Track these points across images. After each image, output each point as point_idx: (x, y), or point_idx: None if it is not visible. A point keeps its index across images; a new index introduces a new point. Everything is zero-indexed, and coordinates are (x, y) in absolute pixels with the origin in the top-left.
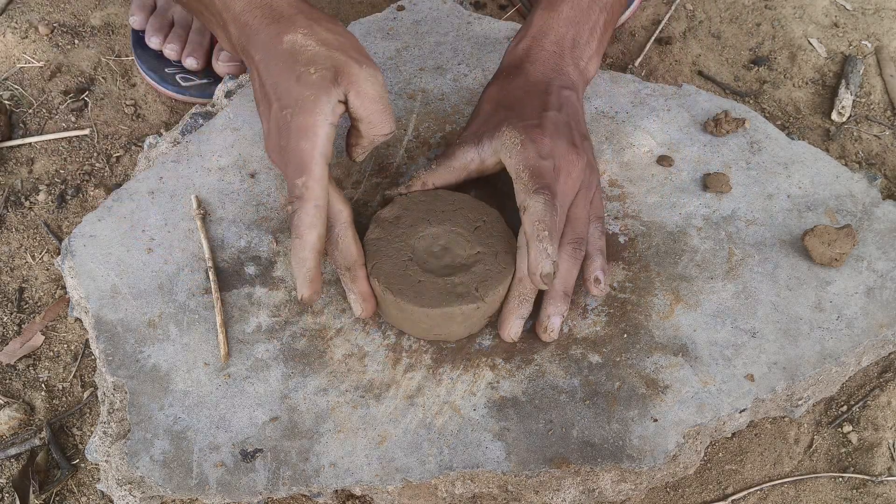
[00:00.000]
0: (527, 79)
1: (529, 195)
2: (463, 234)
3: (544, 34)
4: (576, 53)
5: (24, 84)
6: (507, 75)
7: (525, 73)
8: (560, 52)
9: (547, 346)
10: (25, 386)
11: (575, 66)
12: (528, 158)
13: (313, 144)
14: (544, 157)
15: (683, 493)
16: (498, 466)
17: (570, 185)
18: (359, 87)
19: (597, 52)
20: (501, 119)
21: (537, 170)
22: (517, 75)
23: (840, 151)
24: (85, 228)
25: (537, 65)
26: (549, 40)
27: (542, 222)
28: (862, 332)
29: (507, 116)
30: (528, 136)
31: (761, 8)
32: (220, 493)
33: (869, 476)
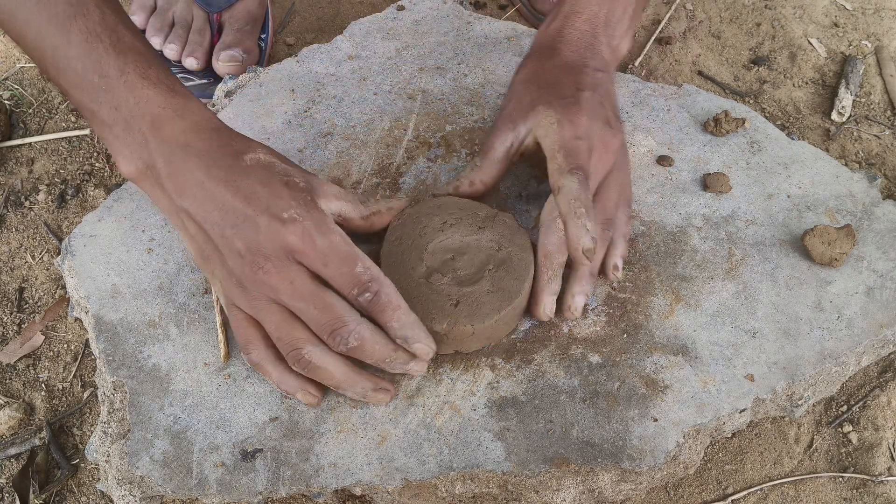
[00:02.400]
0: (560, 59)
1: (563, 175)
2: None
3: (577, 12)
4: (609, 32)
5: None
6: (539, 56)
7: (558, 53)
8: (593, 30)
9: (547, 346)
10: (25, 386)
11: (608, 44)
12: (565, 138)
13: (342, 237)
14: (580, 138)
15: (683, 493)
16: (498, 466)
17: (602, 164)
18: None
19: (629, 28)
20: (535, 98)
21: (573, 150)
22: (550, 56)
23: (840, 151)
24: (85, 228)
25: (570, 45)
26: (581, 18)
27: (577, 200)
28: (862, 332)
29: (540, 95)
30: (565, 115)
31: (761, 8)
32: (220, 493)
33: (869, 476)
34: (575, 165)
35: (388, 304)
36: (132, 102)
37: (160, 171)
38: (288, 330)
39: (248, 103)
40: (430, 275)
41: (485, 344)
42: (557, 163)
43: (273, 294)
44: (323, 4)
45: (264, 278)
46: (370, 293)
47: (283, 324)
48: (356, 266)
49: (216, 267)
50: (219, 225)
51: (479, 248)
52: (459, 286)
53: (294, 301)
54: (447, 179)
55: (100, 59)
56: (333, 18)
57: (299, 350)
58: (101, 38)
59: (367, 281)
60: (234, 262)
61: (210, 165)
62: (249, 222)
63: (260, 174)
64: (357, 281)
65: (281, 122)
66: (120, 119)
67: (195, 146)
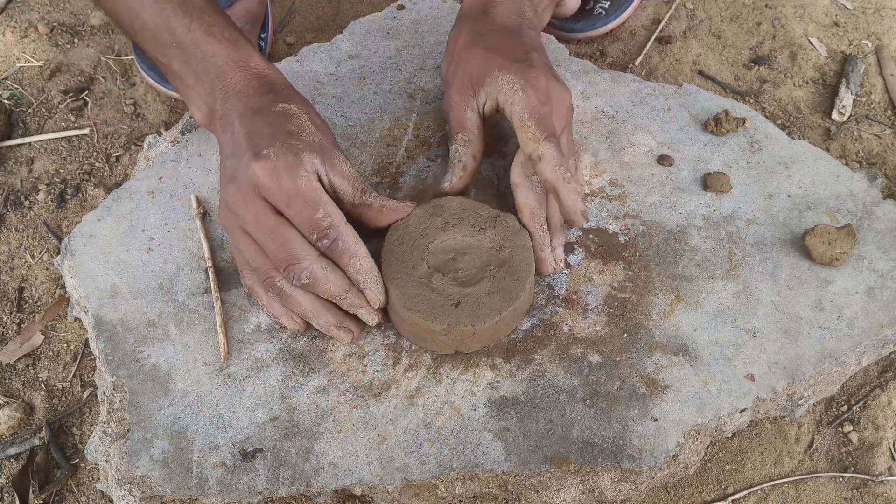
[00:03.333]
0: (495, 23)
1: (540, 143)
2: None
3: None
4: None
5: (24, 83)
6: (473, 21)
7: (491, 17)
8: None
9: (547, 346)
10: (25, 386)
11: (534, 11)
12: (531, 105)
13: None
14: (544, 103)
15: (684, 493)
16: (498, 466)
17: (560, 121)
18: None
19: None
20: (486, 63)
21: (542, 117)
22: (483, 20)
23: (840, 151)
24: (85, 228)
25: (501, 8)
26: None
27: (561, 167)
28: (862, 332)
29: (491, 59)
30: (526, 79)
31: (762, 7)
32: (220, 492)
33: (869, 476)
34: (548, 133)
35: (345, 251)
36: (199, 56)
37: (217, 113)
38: (261, 260)
39: None
40: (431, 275)
41: (486, 344)
42: (531, 131)
43: (242, 224)
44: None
45: (234, 207)
46: (328, 240)
47: (255, 254)
48: (317, 211)
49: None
50: (224, 153)
51: (480, 248)
52: (460, 286)
53: (257, 233)
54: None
55: (168, 18)
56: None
57: (272, 279)
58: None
59: (326, 228)
60: (223, 189)
61: (246, 107)
62: (239, 154)
63: (276, 118)
64: (317, 226)
65: None
66: (189, 71)
67: (245, 92)
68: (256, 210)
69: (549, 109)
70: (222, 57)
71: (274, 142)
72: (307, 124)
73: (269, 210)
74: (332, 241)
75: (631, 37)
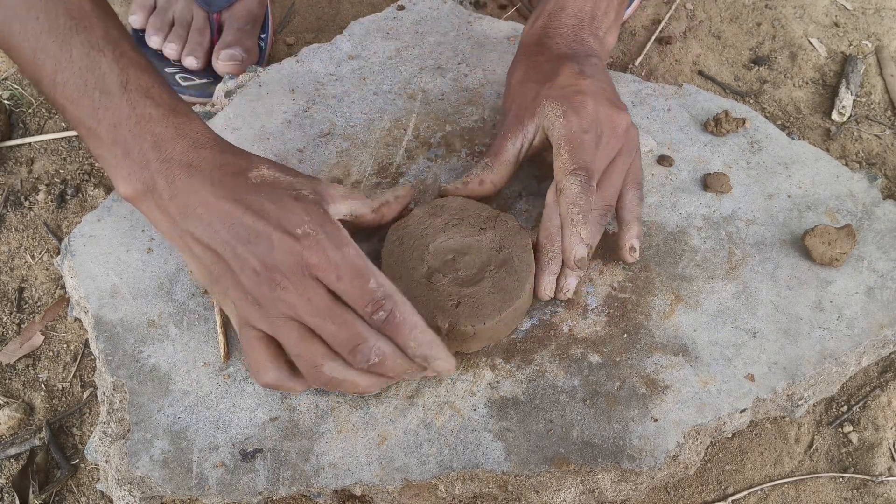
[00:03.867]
0: (550, 52)
1: (566, 176)
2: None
3: (562, 9)
4: (594, 25)
5: (24, 84)
6: (528, 54)
7: (547, 48)
8: (579, 24)
9: (547, 346)
10: (25, 386)
11: (594, 36)
12: (571, 132)
13: (356, 250)
14: (586, 130)
15: (683, 493)
16: (498, 466)
17: (609, 148)
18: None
19: (615, 23)
20: (537, 94)
21: (577, 145)
22: (539, 52)
23: (840, 151)
24: (84, 228)
25: (557, 39)
26: (566, 14)
27: (576, 205)
28: (862, 332)
29: (541, 90)
30: (570, 104)
31: (761, 8)
32: (220, 493)
33: (869, 476)
34: (578, 165)
35: (403, 322)
36: (133, 121)
37: (162, 193)
38: (307, 346)
39: (248, 103)
40: (432, 275)
41: (486, 344)
42: (563, 160)
43: (291, 311)
44: (323, 4)
45: (282, 295)
46: (384, 311)
47: (301, 341)
48: (370, 281)
49: (228, 287)
50: (229, 244)
51: (480, 248)
52: (460, 287)
53: (312, 318)
54: (448, 179)
55: (103, 74)
56: (333, 18)
57: (319, 367)
58: (104, 52)
59: (381, 298)
60: (249, 280)
61: (215, 184)
62: (263, 238)
63: (267, 191)
64: (371, 297)
65: (281, 121)
66: (119, 138)
67: (198, 166)
68: (309, 294)
69: (590, 137)
70: (161, 122)
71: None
72: (291, 181)
73: (323, 291)
74: (389, 312)
75: (631, 37)
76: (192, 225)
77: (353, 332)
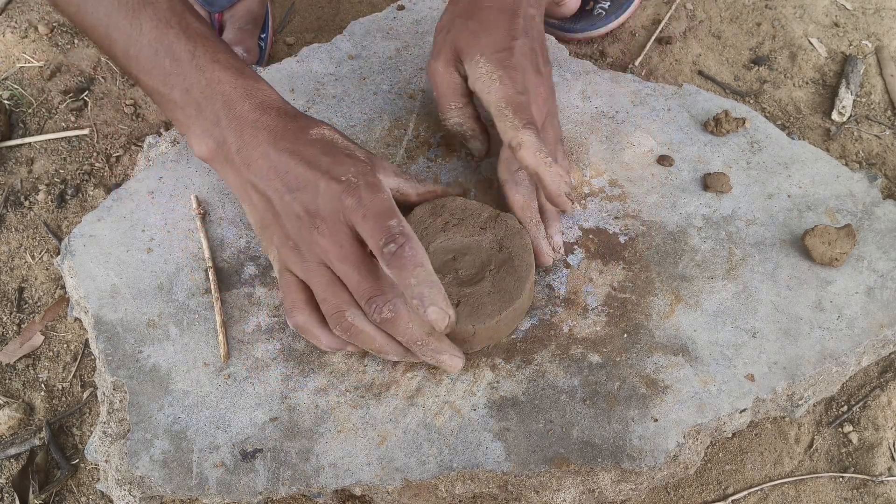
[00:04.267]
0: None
1: (519, 130)
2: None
3: None
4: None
5: (24, 84)
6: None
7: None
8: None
9: (547, 346)
10: (25, 386)
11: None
12: (509, 95)
13: (389, 197)
14: (521, 93)
15: (683, 493)
16: (498, 466)
17: (539, 113)
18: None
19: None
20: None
21: (519, 105)
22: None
23: (840, 151)
24: (85, 228)
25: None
26: None
27: (541, 151)
28: (862, 332)
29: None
30: (505, 71)
31: (761, 8)
32: (220, 493)
33: (869, 476)
34: (527, 120)
35: (411, 257)
36: (203, 84)
37: (230, 147)
38: (333, 291)
39: None
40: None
41: (486, 344)
42: (509, 119)
43: (324, 256)
44: (323, 4)
45: (318, 239)
46: (395, 244)
47: (329, 286)
48: (391, 220)
49: (274, 233)
50: (279, 191)
51: (480, 248)
52: (460, 286)
53: (340, 264)
54: (448, 179)
55: (171, 44)
56: (333, 18)
57: (342, 312)
58: (170, 24)
59: (397, 234)
60: (292, 225)
61: (277, 138)
62: (310, 186)
63: (323, 145)
64: (386, 232)
65: None
66: (192, 100)
67: (264, 122)
68: (342, 240)
69: (526, 98)
70: (229, 83)
71: (343, 167)
72: (348, 144)
73: (354, 239)
74: (400, 246)
75: (631, 37)
76: (253, 174)
77: (373, 284)
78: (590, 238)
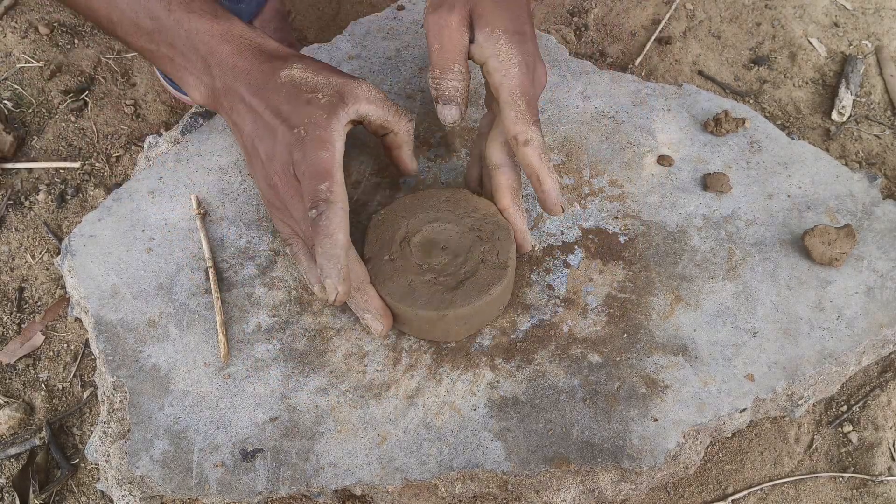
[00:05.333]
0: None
1: (529, 126)
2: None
3: None
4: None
5: (24, 84)
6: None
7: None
8: None
9: (547, 346)
10: (25, 386)
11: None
12: (525, 86)
13: (332, 154)
14: (535, 86)
15: (683, 493)
16: (498, 466)
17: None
18: (366, 98)
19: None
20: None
21: (531, 99)
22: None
23: (840, 151)
24: (85, 228)
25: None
26: None
27: (546, 154)
28: (862, 332)
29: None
30: (523, 57)
31: (761, 7)
32: (220, 492)
33: (869, 476)
34: (536, 117)
35: (324, 227)
36: (184, 36)
37: (218, 91)
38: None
39: None
40: (417, 263)
41: (479, 328)
42: (521, 112)
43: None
44: (323, 4)
45: (276, 182)
46: (316, 211)
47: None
48: (322, 184)
49: (254, 172)
50: (251, 135)
51: (461, 235)
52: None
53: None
54: (448, 179)
55: (147, 2)
56: (333, 18)
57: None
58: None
59: (321, 200)
60: (259, 169)
61: (250, 83)
62: (270, 133)
63: (289, 90)
64: (314, 195)
65: None
66: (178, 53)
67: (241, 66)
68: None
69: (536, 93)
70: (207, 32)
71: (299, 115)
72: (316, 82)
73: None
74: (320, 214)
75: (631, 37)
76: (236, 117)
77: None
78: (590, 238)
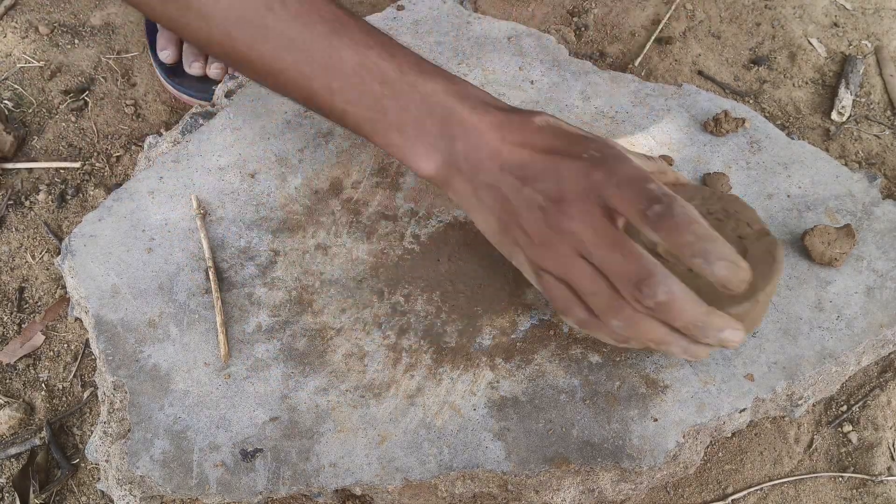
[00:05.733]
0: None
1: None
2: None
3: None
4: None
5: (24, 84)
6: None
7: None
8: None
9: (547, 346)
10: (25, 386)
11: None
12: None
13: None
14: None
15: (683, 493)
16: (498, 466)
17: None
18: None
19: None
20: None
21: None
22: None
23: (840, 151)
24: (85, 228)
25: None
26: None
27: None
28: (862, 332)
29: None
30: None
31: (761, 8)
32: (220, 492)
33: (869, 476)
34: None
35: (682, 214)
36: (419, 99)
37: (458, 156)
38: (600, 284)
39: (248, 102)
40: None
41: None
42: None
43: (577, 245)
44: None
45: (567, 225)
46: (661, 205)
47: (594, 278)
48: (649, 183)
49: (517, 234)
50: (515, 185)
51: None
52: None
53: (597, 250)
54: None
55: (376, 65)
56: None
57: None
58: (370, 45)
59: (661, 195)
60: (535, 218)
61: (504, 134)
62: (549, 171)
63: (553, 130)
64: (648, 195)
65: (281, 121)
66: (410, 119)
67: (486, 121)
68: (595, 223)
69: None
70: (444, 93)
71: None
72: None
73: (608, 220)
74: (667, 206)
75: (631, 37)
76: (483, 175)
77: (640, 266)
78: None
